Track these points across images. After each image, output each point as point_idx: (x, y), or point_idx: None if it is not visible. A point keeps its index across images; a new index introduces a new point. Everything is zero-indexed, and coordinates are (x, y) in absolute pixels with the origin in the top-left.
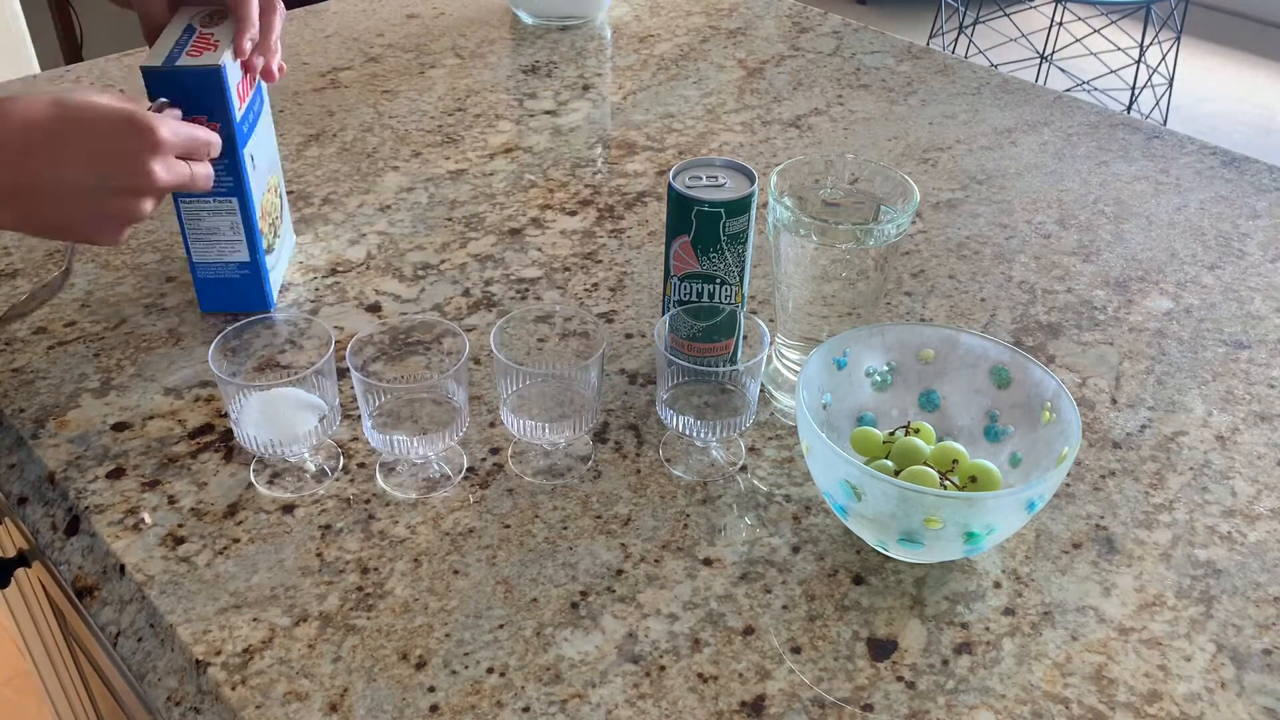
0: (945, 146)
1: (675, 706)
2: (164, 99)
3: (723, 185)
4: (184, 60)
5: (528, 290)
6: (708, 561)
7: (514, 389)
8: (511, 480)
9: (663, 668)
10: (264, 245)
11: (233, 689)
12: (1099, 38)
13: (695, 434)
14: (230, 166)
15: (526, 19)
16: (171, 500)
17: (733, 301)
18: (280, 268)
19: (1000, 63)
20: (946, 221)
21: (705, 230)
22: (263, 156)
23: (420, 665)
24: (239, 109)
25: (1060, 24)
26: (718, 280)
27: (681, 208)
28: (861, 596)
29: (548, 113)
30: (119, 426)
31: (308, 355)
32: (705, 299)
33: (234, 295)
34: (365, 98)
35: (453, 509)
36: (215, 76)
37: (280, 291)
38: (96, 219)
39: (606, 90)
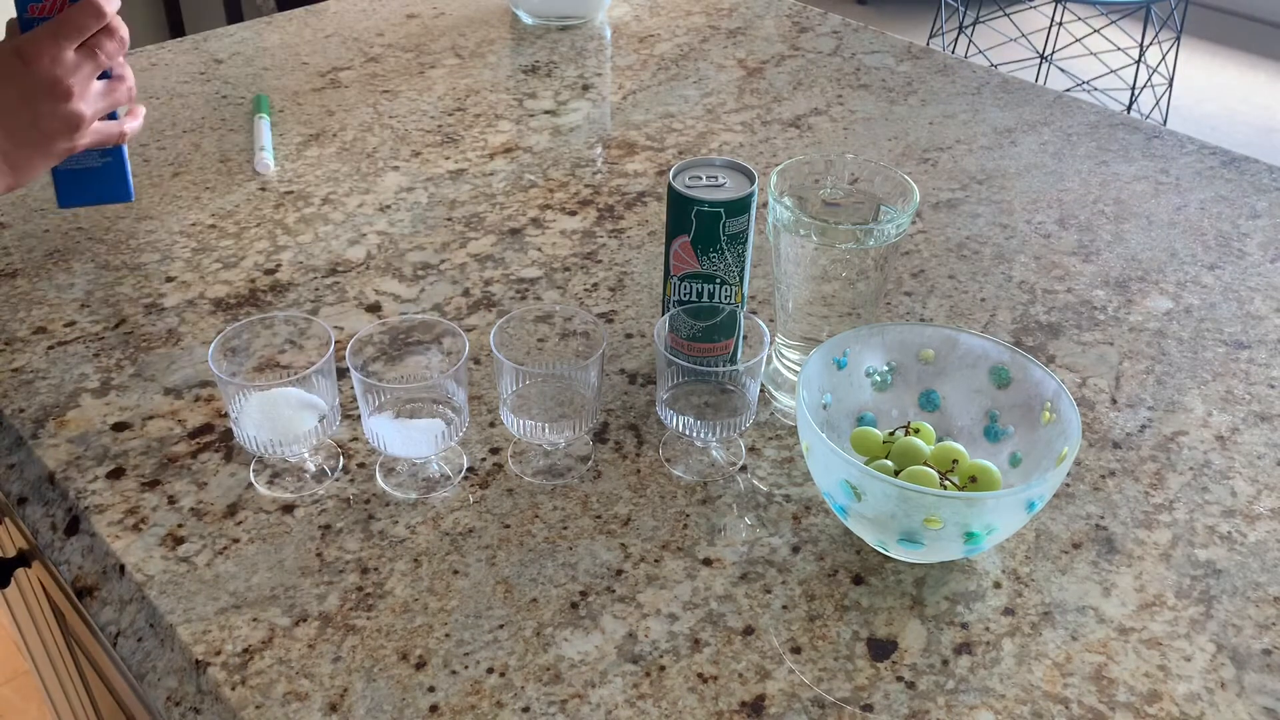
0: (945, 146)
1: (675, 707)
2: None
3: (723, 185)
4: None
5: (528, 290)
6: (708, 561)
7: (514, 389)
8: (511, 480)
9: (663, 668)
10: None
11: (233, 689)
12: (1099, 38)
13: (695, 434)
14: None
15: (526, 19)
16: (171, 500)
17: (733, 301)
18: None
19: (1000, 63)
20: (946, 221)
21: (705, 230)
22: None
23: (420, 665)
24: None
25: (1060, 24)
26: (718, 280)
27: (681, 208)
28: (861, 596)
29: (548, 113)
30: (119, 426)
31: (308, 355)
32: (705, 299)
33: (97, 186)
34: (365, 98)
35: (452, 509)
36: None
37: (280, 291)
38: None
39: (606, 90)
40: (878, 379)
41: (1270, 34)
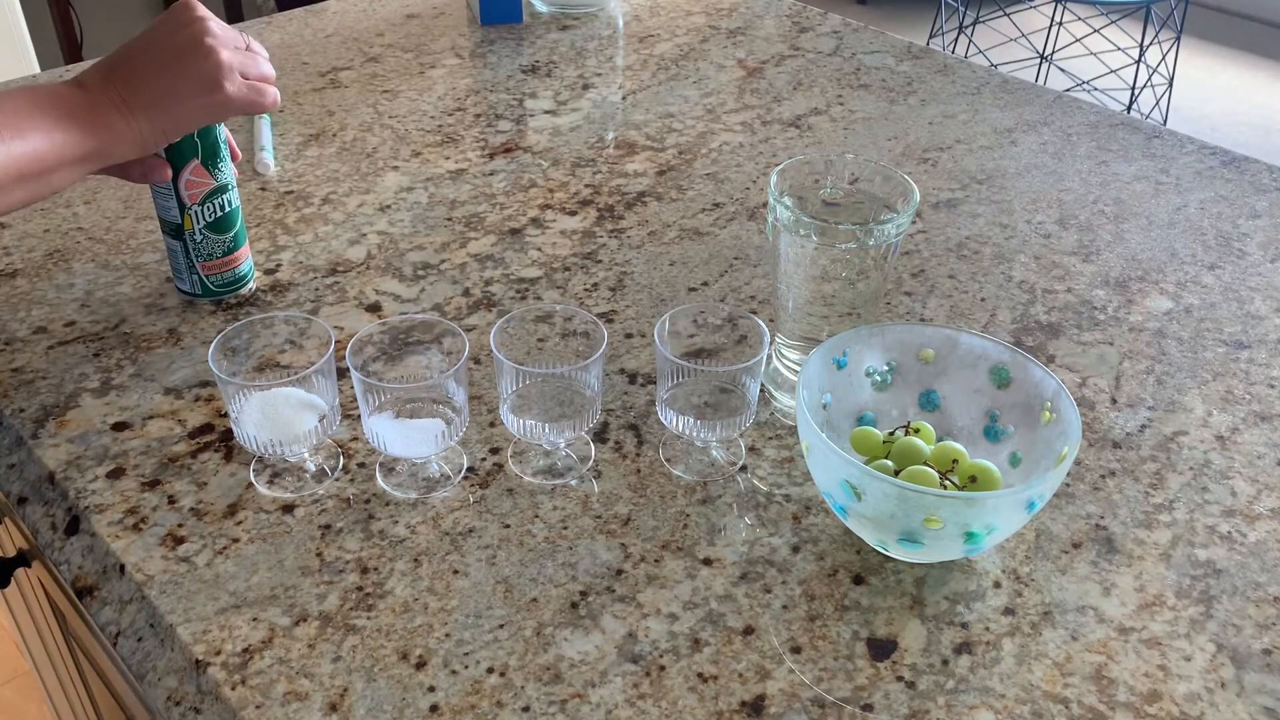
0: (945, 146)
1: (675, 706)
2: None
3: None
4: None
5: (528, 290)
6: (708, 561)
7: (514, 389)
8: (511, 480)
9: (663, 668)
10: None
11: (233, 689)
12: (1099, 38)
13: (695, 434)
14: None
15: (541, 7)
16: (171, 500)
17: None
18: None
19: (1000, 63)
20: (946, 221)
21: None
22: None
23: (420, 665)
24: None
25: (1060, 24)
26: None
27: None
28: (861, 596)
29: (548, 113)
30: (119, 426)
31: (308, 355)
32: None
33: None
34: (365, 98)
35: (452, 509)
36: None
37: (280, 291)
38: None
39: (606, 90)
40: (878, 379)
41: (1270, 34)
